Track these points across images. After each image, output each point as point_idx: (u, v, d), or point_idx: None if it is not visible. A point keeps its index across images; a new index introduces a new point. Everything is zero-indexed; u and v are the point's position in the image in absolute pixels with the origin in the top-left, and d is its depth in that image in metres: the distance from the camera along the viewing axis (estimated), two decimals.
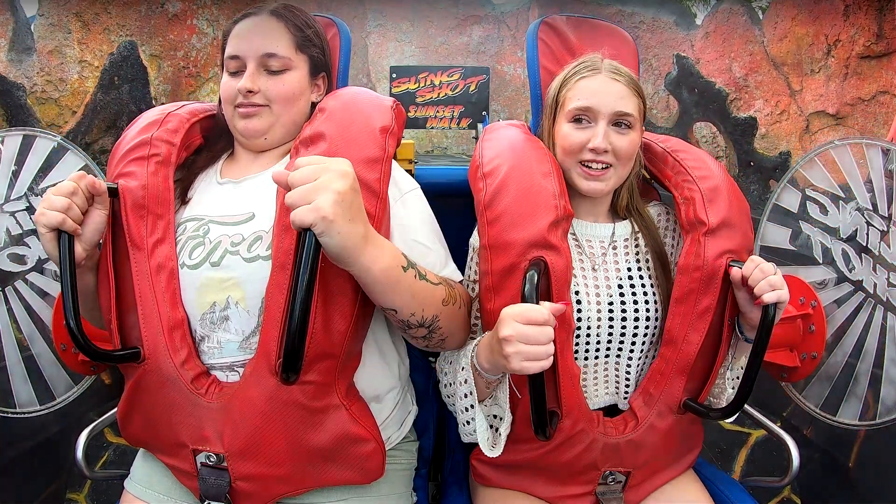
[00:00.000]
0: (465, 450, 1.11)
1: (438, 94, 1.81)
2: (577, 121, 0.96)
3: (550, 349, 0.74)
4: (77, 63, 2.08)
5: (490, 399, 0.89)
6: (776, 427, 1.13)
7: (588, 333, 0.95)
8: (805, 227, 1.42)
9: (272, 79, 0.94)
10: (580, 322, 0.94)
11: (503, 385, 0.87)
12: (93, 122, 2.07)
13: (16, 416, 1.33)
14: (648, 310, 0.97)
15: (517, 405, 0.91)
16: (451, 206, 1.10)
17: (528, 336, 0.74)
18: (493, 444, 0.87)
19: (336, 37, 1.13)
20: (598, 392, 0.98)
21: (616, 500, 0.97)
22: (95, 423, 1.10)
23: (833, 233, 1.39)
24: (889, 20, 2.01)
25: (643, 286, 0.99)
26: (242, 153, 1.00)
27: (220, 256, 0.87)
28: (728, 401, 0.96)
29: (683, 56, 2.18)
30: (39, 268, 1.35)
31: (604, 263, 1.00)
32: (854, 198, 1.36)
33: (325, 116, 0.92)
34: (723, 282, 0.93)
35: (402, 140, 1.14)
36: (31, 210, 1.34)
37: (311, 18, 1.03)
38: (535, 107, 1.15)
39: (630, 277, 0.99)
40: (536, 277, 0.80)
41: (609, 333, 0.96)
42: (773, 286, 0.85)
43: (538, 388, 0.77)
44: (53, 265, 1.33)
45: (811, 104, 2.16)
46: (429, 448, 1.17)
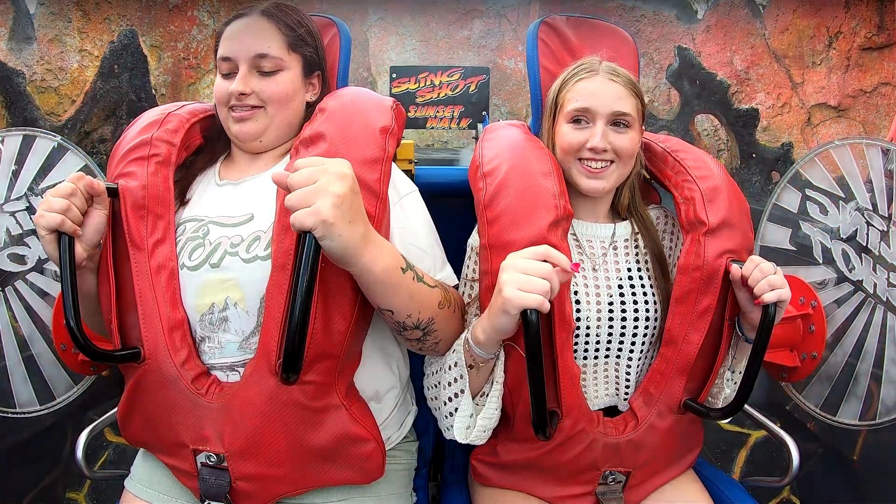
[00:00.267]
0: (465, 450, 1.10)
1: (438, 94, 1.81)
2: (576, 121, 0.97)
3: (546, 286, 0.74)
4: (77, 52, 2.06)
5: (481, 398, 0.89)
6: (776, 427, 1.13)
7: (588, 333, 0.95)
8: (805, 227, 1.42)
9: (265, 80, 0.94)
10: (580, 322, 0.94)
11: (498, 362, 0.87)
12: (92, 111, 2.05)
13: (16, 416, 1.33)
14: (648, 310, 0.97)
15: (517, 405, 0.91)
16: (451, 206, 1.10)
17: (526, 266, 0.75)
18: (467, 436, 0.86)
19: (336, 37, 1.13)
20: (598, 392, 0.98)
21: (616, 500, 0.97)
22: (95, 423, 1.10)
23: (833, 233, 1.38)
24: (890, 11, 2.01)
25: (643, 287, 0.99)
26: (240, 154, 1.00)
27: (220, 258, 0.87)
28: (725, 402, 0.96)
29: (685, 48, 2.17)
30: (39, 268, 1.35)
31: (604, 264, 1.00)
32: (854, 198, 1.36)
33: (325, 117, 0.92)
34: (723, 282, 0.93)
35: (402, 140, 1.14)
36: (32, 210, 1.34)
37: (304, 17, 1.01)
38: (535, 107, 1.15)
39: (630, 278, 0.99)
40: None
41: (609, 333, 0.96)
42: (773, 286, 0.85)
43: (538, 388, 0.77)
44: (53, 265, 1.33)
45: (813, 96, 2.16)
46: (429, 448, 1.17)
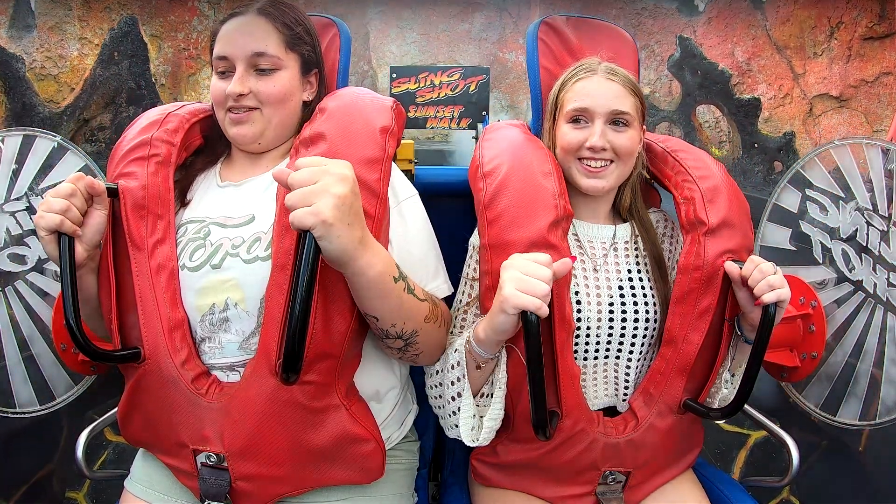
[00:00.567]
0: (466, 450, 1.10)
1: (438, 94, 1.81)
2: (575, 121, 0.98)
3: (546, 290, 0.76)
4: (77, 40, 2.04)
5: (482, 399, 0.89)
6: (776, 427, 1.13)
7: (588, 334, 0.95)
8: (805, 227, 1.42)
9: (262, 79, 0.93)
10: (580, 322, 0.94)
11: (500, 364, 0.87)
12: (91, 98, 2.03)
13: (16, 416, 1.34)
14: (648, 311, 0.97)
15: (517, 405, 0.91)
16: (451, 206, 1.10)
17: (528, 268, 0.77)
18: (475, 438, 0.87)
19: (336, 37, 1.13)
20: (598, 393, 0.98)
21: (616, 500, 0.97)
22: (95, 423, 1.10)
23: (833, 233, 1.39)
24: (891, 1, 2.00)
25: (643, 288, 0.99)
26: (240, 155, 1.00)
27: (221, 259, 0.87)
28: (722, 403, 0.96)
29: (686, 38, 2.17)
30: (39, 268, 1.35)
31: (605, 264, 1.00)
32: (854, 198, 1.36)
33: (325, 117, 0.92)
34: (723, 282, 0.93)
35: (402, 140, 1.14)
36: (32, 210, 1.34)
37: (301, 14, 1.00)
38: (536, 107, 1.15)
39: (630, 279, 0.99)
40: None
41: (609, 334, 0.96)
42: (773, 286, 0.85)
43: (538, 388, 0.77)
44: (54, 265, 1.33)
45: (814, 87, 2.15)
46: (429, 448, 1.17)
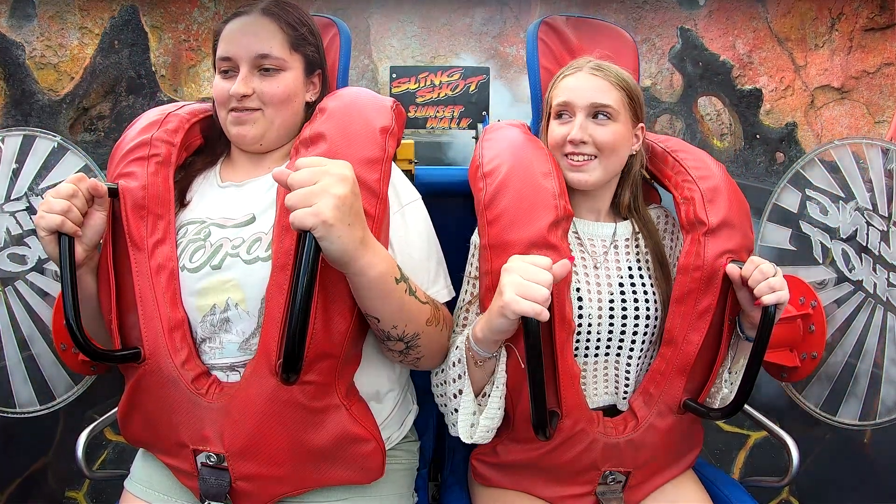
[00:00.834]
0: (466, 450, 1.10)
1: (438, 95, 1.81)
2: (559, 116, 0.99)
3: (546, 294, 0.75)
4: (77, 29, 2.04)
5: (484, 399, 0.89)
6: (776, 427, 1.13)
7: (589, 331, 0.96)
8: (805, 227, 1.42)
9: (266, 80, 0.92)
10: (581, 320, 0.94)
11: (499, 362, 0.87)
12: (91, 87, 2.03)
13: (16, 416, 1.34)
14: (648, 309, 0.97)
15: (517, 405, 0.91)
16: (451, 206, 1.10)
17: (528, 272, 0.76)
18: (472, 436, 0.87)
19: (336, 37, 1.13)
20: (598, 391, 0.98)
21: (616, 500, 0.97)
22: (95, 423, 1.10)
23: (833, 233, 1.38)
24: None
25: (643, 286, 0.99)
26: (241, 155, 1.00)
27: (221, 259, 0.87)
28: (722, 403, 0.96)
29: (687, 29, 2.16)
30: (39, 268, 1.35)
31: (605, 262, 1.00)
32: (854, 198, 1.36)
33: (325, 117, 0.92)
34: (723, 282, 0.93)
35: (402, 140, 1.14)
36: (32, 210, 1.34)
37: (305, 15, 1.00)
38: (536, 107, 1.15)
39: (631, 277, 0.99)
40: None
41: (609, 332, 0.96)
42: (773, 287, 0.85)
43: (538, 389, 0.77)
44: (54, 265, 1.33)
45: (816, 79, 2.15)
46: (429, 448, 1.17)
